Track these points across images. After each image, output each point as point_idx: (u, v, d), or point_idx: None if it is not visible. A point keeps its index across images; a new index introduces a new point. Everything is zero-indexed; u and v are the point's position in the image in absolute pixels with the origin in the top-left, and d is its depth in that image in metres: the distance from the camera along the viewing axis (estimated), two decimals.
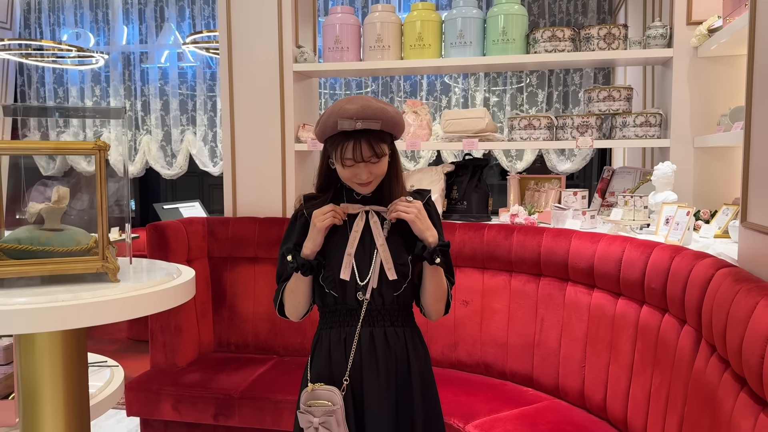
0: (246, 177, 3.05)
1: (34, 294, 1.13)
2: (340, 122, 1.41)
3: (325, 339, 1.55)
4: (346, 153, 1.44)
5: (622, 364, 2.06)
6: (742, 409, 1.27)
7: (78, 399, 1.30)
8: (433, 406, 1.62)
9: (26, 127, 5.66)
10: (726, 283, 1.48)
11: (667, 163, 2.37)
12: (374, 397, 1.50)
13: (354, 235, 1.52)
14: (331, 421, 1.44)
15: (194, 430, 2.60)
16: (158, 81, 5.59)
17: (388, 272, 1.50)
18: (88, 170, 5.56)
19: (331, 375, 1.52)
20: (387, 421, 1.50)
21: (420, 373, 1.56)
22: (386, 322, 1.52)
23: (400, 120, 1.50)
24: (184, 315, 2.76)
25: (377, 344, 1.51)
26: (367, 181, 1.49)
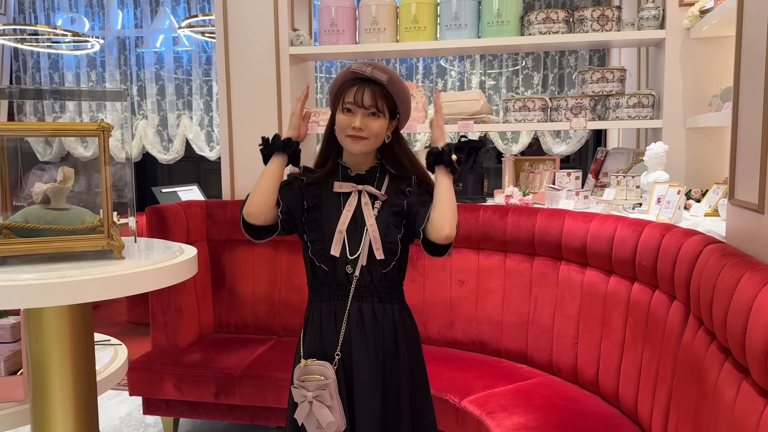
0: (243, 160, 3.08)
1: (42, 270, 1.16)
2: (355, 66, 1.50)
3: (316, 312, 1.59)
4: (348, 96, 1.50)
5: (614, 340, 2.12)
6: (727, 378, 1.32)
7: (86, 374, 1.34)
8: (420, 380, 1.66)
9: (22, 112, 5.66)
10: (713, 258, 1.53)
11: (659, 144, 2.40)
12: (363, 370, 1.55)
13: (346, 214, 1.57)
14: (324, 395, 1.49)
15: (196, 408, 2.66)
16: (154, 66, 5.59)
17: (376, 252, 1.55)
18: (85, 155, 5.58)
19: (323, 349, 1.56)
20: (375, 393, 1.55)
21: (407, 349, 1.61)
22: (374, 298, 1.57)
23: (407, 90, 1.55)
24: (185, 296, 2.81)
25: (366, 320, 1.56)
26: (359, 131, 1.50)
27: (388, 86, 1.51)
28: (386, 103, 1.52)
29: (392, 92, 1.52)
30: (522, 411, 2.06)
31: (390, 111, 1.54)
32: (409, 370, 1.61)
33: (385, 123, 1.54)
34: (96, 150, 5.24)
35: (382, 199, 1.59)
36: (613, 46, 3.60)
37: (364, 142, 1.54)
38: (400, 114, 1.58)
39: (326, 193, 1.61)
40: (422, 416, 1.66)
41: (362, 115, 1.51)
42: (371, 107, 1.50)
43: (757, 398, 1.16)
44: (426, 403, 1.68)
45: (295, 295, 2.93)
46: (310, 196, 1.61)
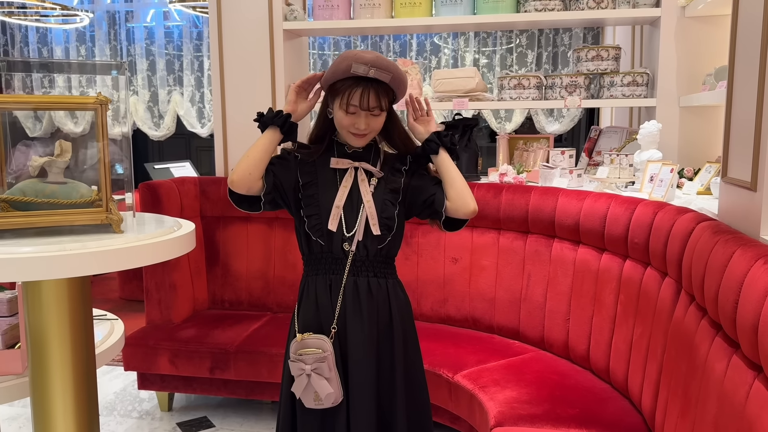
0: (237, 137, 3.06)
1: (41, 244, 1.16)
2: (355, 66, 1.45)
3: (312, 285, 1.61)
4: (353, 99, 1.48)
5: (605, 316, 2.15)
6: (717, 352, 1.35)
7: (84, 347, 1.35)
8: (414, 352, 1.69)
9: (11, 87, 5.58)
10: (705, 235, 1.55)
11: (652, 122, 2.41)
12: (358, 342, 1.57)
13: (343, 190, 1.58)
14: (322, 367, 1.51)
15: (191, 383, 2.68)
16: (144, 41, 5.51)
17: (372, 227, 1.57)
18: (75, 131, 5.52)
19: (319, 322, 1.58)
20: (369, 364, 1.58)
21: (401, 321, 1.64)
22: (370, 272, 1.59)
23: (406, 80, 1.55)
24: (179, 273, 2.81)
25: (361, 293, 1.58)
26: (363, 131, 1.53)
27: (391, 83, 1.50)
28: (387, 97, 1.53)
29: (394, 88, 1.53)
30: (514, 385, 2.10)
31: (390, 102, 1.56)
32: (402, 341, 1.63)
33: (385, 115, 1.56)
34: (86, 126, 5.19)
35: (378, 176, 1.60)
36: (608, 24, 3.60)
37: (366, 137, 1.57)
38: (397, 98, 1.58)
39: (322, 169, 1.62)
40: (416, 387, 1.69)
41: (366, 116, 1.52)
42: (375, 108, 1.51)
43: (746, 371, 1.19)
44: (419, 374, 1.71)
45: (289, 272, 2.94)
46: (306, 173, 1.61)
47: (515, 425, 1.86)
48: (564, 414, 1.90)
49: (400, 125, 1.63)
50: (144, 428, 2.67)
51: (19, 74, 5.46)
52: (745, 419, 1.14)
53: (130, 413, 2.81)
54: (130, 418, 2.76)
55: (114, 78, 1.50)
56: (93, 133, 1.42)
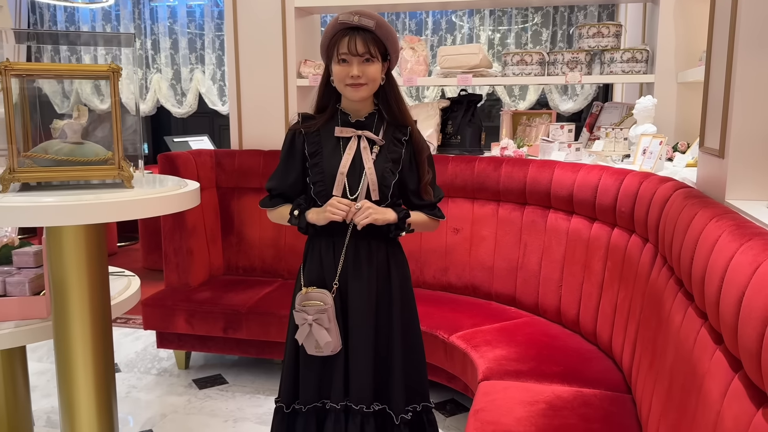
0: (251, 111, 3.20)
1: (61, 195, 1.31)
2: (342, 16, 1.59)
3: (317, 246, 1.74)
4: (341, 47, 1.59)
5: (594, 282, 2.25)
6: (678, 306, 1.45)
7: (100, 292, 1.50)
8: (410, 312, 1.82)
9: (39, 61, 5.79)
10: (678, 200, 1.64)
11: (648, 97, 2.48)
12: (357, 298, 1.70)
13: (347, 157, 1.69)
14: (323, 318, 1.65)
15: (206, 342, 2.85)
16: (167, 20, 5.66)
17: (372, 193, 1.68)
18: (101, 108, 5.72)
19: (322, 278, 1.72)
20: (368, 317, 1.71)
21: (399, 279, 1.76)
22: (370, 235, 1.71)
23: (394, 33, 1.65)
24: (195, 240, 2.98)
25: (361, 254, 1.71)
26: (358, 79, 1.62)
27: (376, 31, 1.60)
28: (377, 47, 1.62)
29: (381, 36, 1.62)
30: (505, 345, 2.22)
31: (381, 54, 1.65)
32: (400, 301, 1.76)
33: (379, 66, 1.65)
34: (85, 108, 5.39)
35: (380, 144, 1.71)
36: (613, 1, 3.63)
37: (363, 88, 1.65)
38: (390, 55, 1.68)
39: (326, 138, 1.73)
40: (412, 343, 1.81)
41: (357, 62, 1.61)
42: (365, 54, 1.61)
43: (696, 319, 1.30)
44: (415, 331, 1.83)
45: (299, 240, 3.05)
46: (312, 143, 1.73)
47: (501, 379, 1.99)
48: (548, 371, 2.02)
49: (396, 90, 1.72)
50: (162, 384, 2.86)
51: (47, 53, 5.66)
52: (692, 362, 1.25)
53: (149, 370, 3.00)
54: (149, 375, 2.95)
55: (134, 52, 1.64)
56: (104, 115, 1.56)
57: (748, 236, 1.13)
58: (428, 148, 1.78)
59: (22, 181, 1.37)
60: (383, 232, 1.72)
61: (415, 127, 1.75)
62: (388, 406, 1.75)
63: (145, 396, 2.74)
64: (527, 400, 1.82)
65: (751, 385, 0.97)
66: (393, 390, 1.74)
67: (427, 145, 1.78)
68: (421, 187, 1.74)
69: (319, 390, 1.74)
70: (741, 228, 1.20)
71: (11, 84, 1.28)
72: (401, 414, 1.73)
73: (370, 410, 1.71)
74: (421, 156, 1.73)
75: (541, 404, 1.80)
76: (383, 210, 1.67)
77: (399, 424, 1.73)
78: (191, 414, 2.58)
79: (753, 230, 1.17)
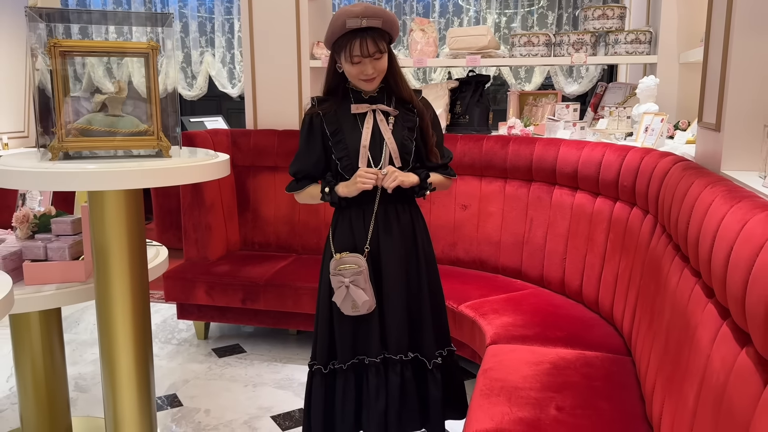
0: (265, 92, 3.30)
1: (104, 163, 1.43)
2: (348, 21, 1.65)
3: (347, 215, 1.86)
4: (354, 50, 1.69)
5: (597, 254, 2.36)
6: (675, 269, 1.56)
7: (139, 256, 1.62)
8: (433, 265, 1.98)
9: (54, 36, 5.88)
10: (676, 172, 1.75)
11: (650, 77, 2.58)
12: (389, 260, 1.85)
13: (366, 131, 1.81)
14: (359, 279, 1.78)
15: (225, 313, 2.98)
16: (178, 3, 5.74)
17: (395, 160, 1.81)
18: (112, 90, 5.81)
19: (354, 243, 1.85)
20: (400, 276, 1.86)
21: (423, 243, 1.92)
22: (396, 200, 1.85)
23: (396, 20, 1.75)
24: (213, 216, 3.09)
25: (390, 219, 1.85)
26: (372, 75, 1.74)
27: (383, 27, 1.70)
28: (384, 39, 1.73)
29: (387, 30, 1.72)
30: (511, 313, 2.34)
31: (387, 43, 1.75)
32: (425, 255, 1.92)
33: (386, 55, 1.76)
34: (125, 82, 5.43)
35: (395, 115, 1.82)
36: None
37: (376, 80, 1.78)
38: (393, 38, 1.78)
39: (344, 116, 1.84)
40: (436, 291, 1.98)
41: (370, 61, 1.72)
42: (376, 53, 1.71)
43: (690, 278, 1.41)
44: (438, 280, 2.00)
45: (312, 217, 3.21)
46: (331, 123, 1.84)
47: (508, 343, 2.11)
48: (552, 336, 2.14)
49: (396, 67, 1.81)
50: (183, 353, 2.99)
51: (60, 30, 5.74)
52: (686, 317, 1.36)
53: (170, 341, 3.14)
54: (170, 345, 3.09)
55: (155, 31, 1.74)
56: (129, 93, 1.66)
57: (738, 198, 1.24)
58: (429, 113, 1.88)
59: (70, 149, 1.48)
60: (408, 196, 1.86)
61: (414, 97, 1.85)
62: (420, 353, 1.91)
63: (167, 364, 2.87)
64: (533, 360, 1.94)
65: (736, 328, 1.08)
66: (424, 338, 1.91)
67: (427, 110, 1.88)
68: (428, 149, 1.86)
69: (354, 348, 1.87)
70: (732, 192, 1.31)
71: (59, 59, 1.39)
72: (433, 359, 1.91)
73: (408, 358, 1.88)
74: (423, 121, 1.85)
75: (546, 364, 1.92)
76: (407, 174, 1.80)
77: (432, 369, 1.91)
78: (212, 380, 2.71)
79: (742, 194, 1.28)
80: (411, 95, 1.83)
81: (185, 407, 2.48)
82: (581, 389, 1.76)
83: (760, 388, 0.92)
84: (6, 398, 2.59)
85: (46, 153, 1.50)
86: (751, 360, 0.98)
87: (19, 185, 1.45)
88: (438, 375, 1.92)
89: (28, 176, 1.39)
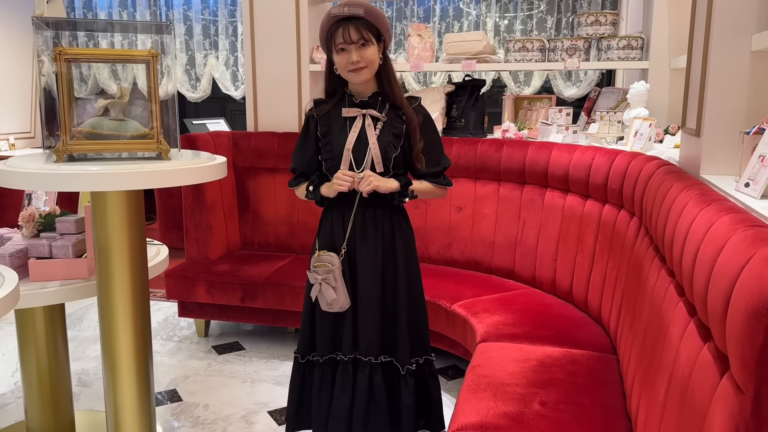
0: (266, 95, 3.37)
1: (107, 165, 1.49)
2: (333, 10, 1.74)
3: (329, 215, 1.92)
4: (337, 37, 1.76)
5: (586, 255, 2.42)
6: (654, 269, 1.62)
7: (139, 254, 1.69)
8: (414, 276, 1.99)
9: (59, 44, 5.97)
10: (659, 176, 1.81)
11: (641, 83, 2.63)
12: (364, 261, 1.89)
13: (352, 135, 1.87)
14: (330, 278, 1.83)
15: (224, 311, 3.05)
16: (182, 6, 5.82)
17: (376, 166, 1.86)
18: (114, 95, 5.90)
19: (333, 243, 1.90)
20: (373, 279, 1.89)
21: (403, 245, 1.94)
22: (376, 204, 1.88)
23: (383, 15, 1.80)
24: (214, 216, 3.16)
25: (368, 222, 1.88)
26: (358, 65, 1.77)
27: (366, 16, 1.75)
28: (370, 31, 1.78)
29: (372, 20, 1.77)
30: (502, 312, 2.40)
31: (375, 37, 1.80)
32: (404, 261, 1.94)
33: (375, 48, 1.81)
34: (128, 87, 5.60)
35: (383, 120, 1.88)
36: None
37: (364, 70, 1.81)
38: (383, 35, 1.83)
39: (335, 119, 1.91)
40: (414, 298, 1.98)
41: (355, 49, 1.78)
42: (359, 39, 1.77)
43: (666, 278, 1.47)
44: (418, 287, 2.00)
45: (311, 218, 3.27)
46: (323, 125, 1.91)
47: (497, 341, 2.17)
48: (541, 334, 2.20)
49: (391, 72, 1.87)
50: (183, 350, 3.06)
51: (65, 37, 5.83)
52: (661, 314, 1.42)
53: (171, 338, 3.21)
54: (171, 342, 3.16)
55: (155, 39, 1.81)
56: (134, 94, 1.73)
57: (708, 202, 1.30)
58: (419, 118, 1.89)
59: (74, 152, 1.55)
60: (388, 201, 1.89)
61: (404, 103, 1.88)
62: (395, 358, 1.93)
63: (168, 360, 2.94)
64: (520, 358, 2.00)
65: (701, 324, 1.14)
66: (398, 344, 1.93)
67: (418, 115, 1.89)
68: (413, 154, 1.88)
69: (332, 343, 1.93)
70: (704, 196, 1.37)
71: (64, 67, 1.46)
72: (406, 365, 1.92)
73: (378, 361, 1.90)
74: (410, 126, 1.87)
75: (532, 362, 1.97)
76: (385, 179, 1.84)
77: (404, 375, 1.92)
78: (211, 376, 2.78)
79: (713, 197, 1.34)
80: (402, 101, 1.87)
81: (185, 402, 2.55)
82: (565, 385, 1.82)
83: (717, 379, 0.98)
84: (11, 392, 2.67)
85: (51, 155, 1.57)
86: (711, 354, 1.04)
87: (25, 186, 1.52)
88: (411, 381, 1.93)
89: (33, 177, 1.46)
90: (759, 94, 1.62)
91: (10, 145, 5.40)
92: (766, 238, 0.97)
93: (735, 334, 0.89)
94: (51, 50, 1.53)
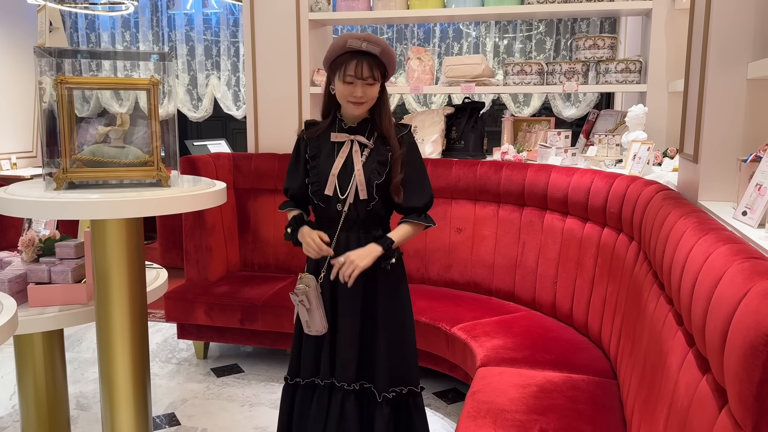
0: (267, 117, 3.39)
1: (105, 192, 1.50)
2: (350, 41, 1.74)
3: None
4: (348, 69, 1.76)
5: (586, 278, 2.42)
6: (653, 295, 1.62)
7: (138, 280, 1.69)
8: (399, 302, 1.95)
9: (61, 71, 6.02)
10: (657, 201, 1.81)
11: (639, 106, 2.65)
12: (343, 288, 1.85)
13: (339, 160, 1.87)
14: (305, 300, 1.83)
15: (224, 333, 3.04)
16: (184, 27, 5.88)
17: (360, 192, 1.85)
18: (120, 111, 5.94)
19: (317, 267, 1.90)
20: (354, 305, 1.88)
21: (386, 276, 1.88)
22: (360, 229, 1.88)
23: (395, 58, 1.82)
24: (214, 238, 3.17)
25: (350, 245, 1.86)
26: (360, 99, 1.79)
27: (381, 56, 1.78)
28: (380, 70, 1.80)
29: (384, 61, 1.80)
30: (502, 336, 2.39)
31: (381, 76, 1.82)
32: (387, 289, 1.91)
33: (378, 86, 1.83)
34: (130, 107, 5.67)
35: (371, 147, 1.88)
36: (603, 15, 3.81)
37: (363, 105, 1.84)
38: (388, 74, 1.86)
39: (324, 142, 1.91)
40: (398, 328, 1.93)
41: (361, 84, 1.79)
42: (369, 78, 1.78)
43: (665, 306, 1.46)
44: (403, 318, 1.95)
45: None
46: (313, 148, 1.92)
47: (497, 366, 2.16)
48: (541, 359, 2.19)
49: (386, 104, 1.88)
50: (182, 372, 3.05)
51: (68, 60, 5.87)
52: (660, 342, 1.42)
53: (170, 360, 3.19)
54: (170, 364, 3.14)
55: (156, 63, 1.83)
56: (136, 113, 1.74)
57: (705, 231, 1.30)
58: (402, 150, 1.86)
59: (74, 180, 1.56)
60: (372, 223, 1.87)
61: (392, 135, 1.87)
62: (373, 385, 1.90)
63: (167, 383, 2.93)
64: (520, 383, 1.99)
65: (699, 355, 1.14)
66: (377, 371, 1.89)
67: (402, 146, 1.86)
68: (391, 186, 1.85)
69: (315, 367, 1.92)
70: (702, 224, 1.37)
71: (65, 95, 1.47)
72: (383, 393, 1.89)
73: (351, 388, 1.88)
74: (393, 156, 1.85)
75: (533, 387, 1.96)
76: (366, 253, 1.80)
77: (381, 402, 1.88)
78: (210, 399, 2.76)
79: (711, 226, 1.34)
80: (389, 132, 1.86)
81: (183, 426, 2.53)
82: (566, 412, 1.81)
83: (716, 413, 0.98)
84: (9, 416, 2.65)
85: (51, 182, 1.58)
86: (710, 387, 1.03)
87: (24, 214, 1.53)
88: (386, 410, 1.88)
89: (33, 206, 1.47)
90: (755, 122, 1.63)
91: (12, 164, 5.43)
92: (764, 271, 0.97)
93: (733, 369, 0.89)
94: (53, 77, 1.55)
